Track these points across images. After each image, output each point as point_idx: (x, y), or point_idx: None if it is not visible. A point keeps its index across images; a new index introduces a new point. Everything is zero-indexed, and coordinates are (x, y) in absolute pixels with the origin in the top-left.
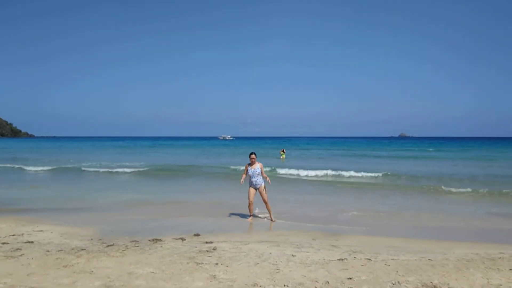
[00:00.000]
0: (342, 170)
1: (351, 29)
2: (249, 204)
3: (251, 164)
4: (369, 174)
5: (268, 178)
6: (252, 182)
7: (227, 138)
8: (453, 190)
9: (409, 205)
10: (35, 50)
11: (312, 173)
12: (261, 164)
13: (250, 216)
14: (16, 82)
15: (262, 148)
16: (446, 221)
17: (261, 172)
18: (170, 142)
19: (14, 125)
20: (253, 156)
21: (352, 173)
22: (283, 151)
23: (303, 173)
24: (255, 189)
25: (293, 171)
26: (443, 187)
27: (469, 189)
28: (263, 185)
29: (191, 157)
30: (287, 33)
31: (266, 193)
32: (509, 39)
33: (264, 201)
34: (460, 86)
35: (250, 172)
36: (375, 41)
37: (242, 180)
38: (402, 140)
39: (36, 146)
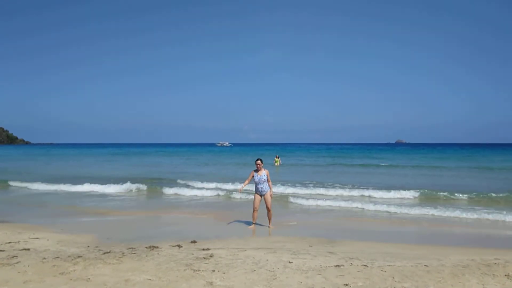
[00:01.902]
0: (345, 186)
1: (345, 38)
2: (253, 211)
3: (257, 170)
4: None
5: (271, 191)
6: (258, 188)
7: (225, 144)
8: (450, 196)
9: (405, 211)
10: (32, 58)
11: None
12: (267, 170)
13: (253, 223)
14: (13, 89)
15: (258, 155)
16: (442, 227)
17: (268, 180)
18: (164, 149)
19: (10, 132)
20: (258, 162)
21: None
22: (277, 157)
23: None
24: (261, 196)
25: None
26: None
27: (464, 196)
28: (269, 192)
29: (168, 167)
30: (281, 43)
31: (271, 200)
32: (501, 46)
33: (267, 208)
34: (457, 92)
35: (256, 179)
36: (369, 49)
37: (241, 187)
38: (399, 146)
39: (16, 153)
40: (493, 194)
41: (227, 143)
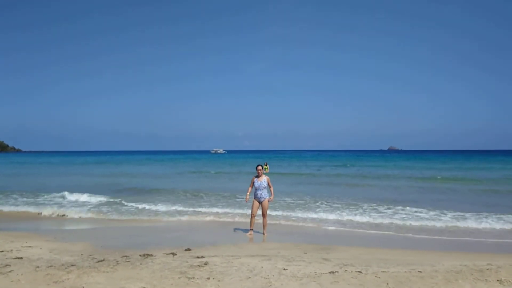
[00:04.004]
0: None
1: (335, 51)
2: (251, 217)
3: (258, 176)
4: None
5: (272, 196)
6: (257, 194)
7: (219, 151)
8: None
9: (398, 217)
10: (24, 62)
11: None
12: (268, 177)
13: (250, 229)
14: (6, 95)
15: (251, 162)
16: (434, 233)
17: (268, 185)
18: (153, 156)
19: (1, 140)
20: (259, 168)
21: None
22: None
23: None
24: (259, 202)
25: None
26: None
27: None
28: (267, 199)
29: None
30: (274, 56)
31: (268, 207)
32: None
33: (263, 214)
34: (451, 99)
35: (256, 185)
36: (362, 54)
37: (247, 197)
38: (393, 153)
39: None
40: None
41: (222, 150)
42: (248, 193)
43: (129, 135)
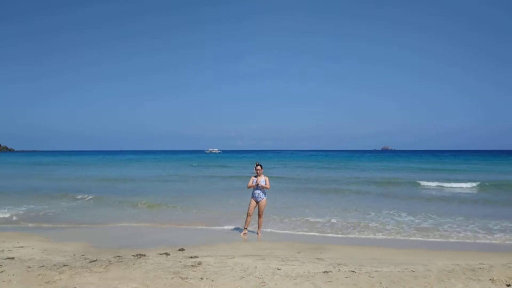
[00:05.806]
0: None
1: (334, 43)
2: (247, 216)
3: (257, 175)
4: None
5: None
6: (254, 193)
7: (214, 151)
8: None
9: (391, 218)
10: (17, 64)
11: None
12: (267, 177)
13: (244, 229)
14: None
15: (246, 162)
16: (427, 232)
17: (266, 184)
18: (140, 157)
19: None
20: (258, 168)
21: None
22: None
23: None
24: (256, 202)
25: None
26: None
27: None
28: (265, 199)
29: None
30: (269, 48)
31: (264, 207)
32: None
33: (259, 214)
34: (446, 99)
35: (254, 184)
36: (357, 55)
37: (250, 183)
38: (387, 153)
39: None
40: None
41: (217, 150)
42: (251, 181)
43: (124, 134)
